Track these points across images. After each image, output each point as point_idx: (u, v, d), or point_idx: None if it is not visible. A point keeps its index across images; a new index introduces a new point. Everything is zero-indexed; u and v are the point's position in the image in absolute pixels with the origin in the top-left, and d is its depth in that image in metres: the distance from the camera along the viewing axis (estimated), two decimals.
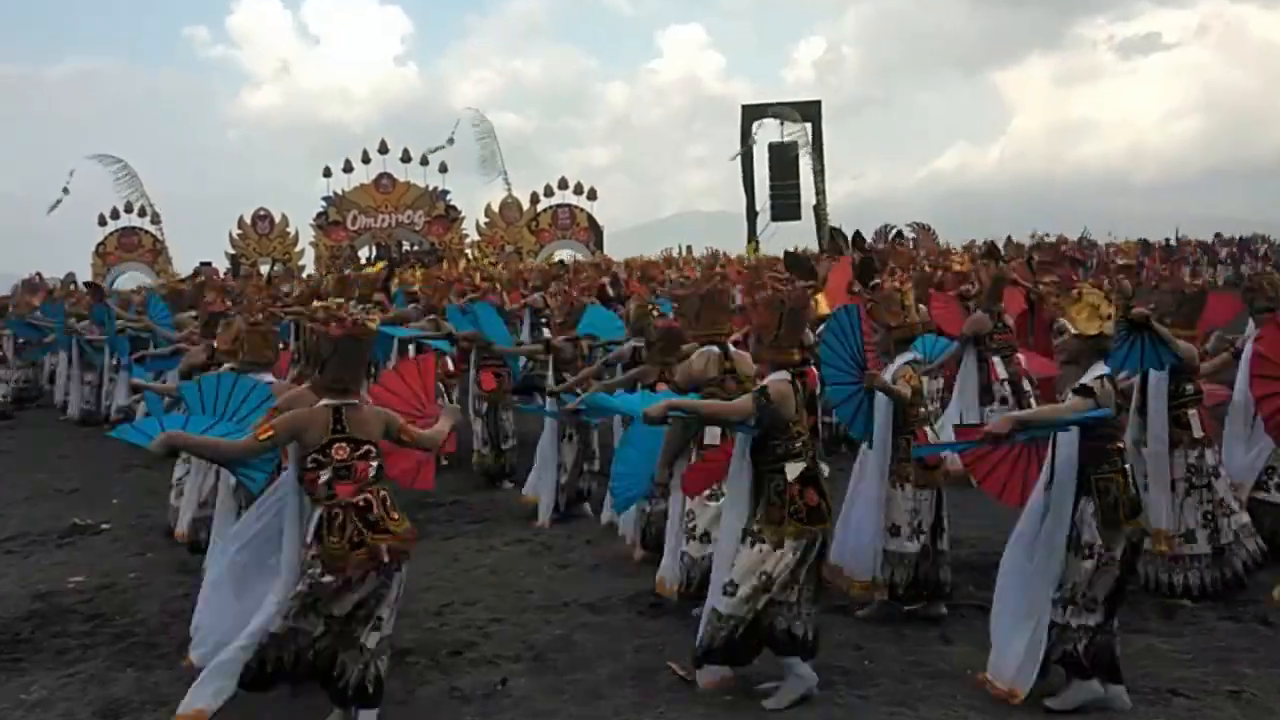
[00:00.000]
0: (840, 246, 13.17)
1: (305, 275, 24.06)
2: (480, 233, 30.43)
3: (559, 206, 30.58)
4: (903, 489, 4.92)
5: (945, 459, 5.05)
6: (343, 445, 3.79)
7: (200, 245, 38.03)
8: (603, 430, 7.58)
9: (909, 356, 5.09)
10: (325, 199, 29.94)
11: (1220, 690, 4.05)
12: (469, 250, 29.46)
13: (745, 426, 4.09)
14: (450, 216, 30.29)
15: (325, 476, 3.75)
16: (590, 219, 30.52)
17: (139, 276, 27.51)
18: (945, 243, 20.65)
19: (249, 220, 29.81)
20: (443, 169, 29.97)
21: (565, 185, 30.71)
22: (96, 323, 12.18)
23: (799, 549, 4.03)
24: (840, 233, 14.99)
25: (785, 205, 28.58)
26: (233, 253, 29.12)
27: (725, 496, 4.35)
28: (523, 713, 4.13)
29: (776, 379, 4.11)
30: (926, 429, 5.06)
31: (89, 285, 16.50)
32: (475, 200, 31.56)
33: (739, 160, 29.25)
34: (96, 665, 4.77)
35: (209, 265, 27.20)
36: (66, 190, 28.06)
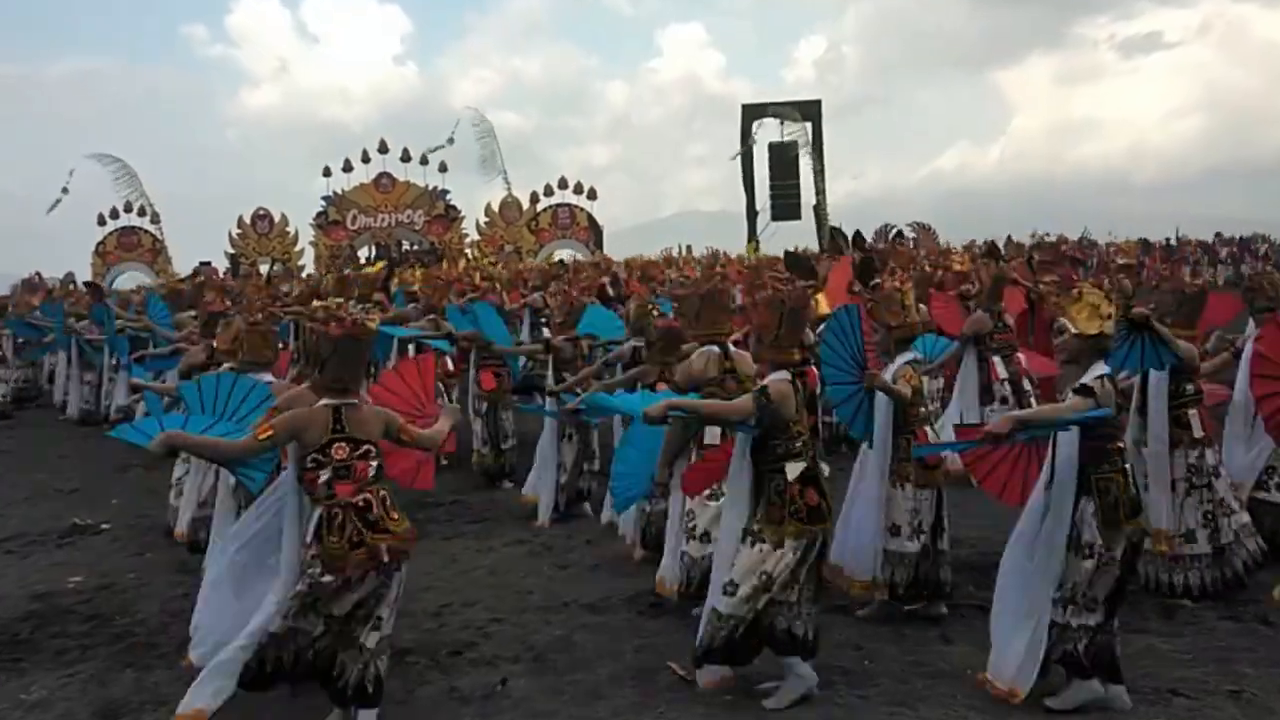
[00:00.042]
0: (841, 246, 13.16)
1: (305, 275, 24.04)
2: (480, 232, 30.40)
3: (559, 206, 30.55)
4: (903, 489, 4.92)
5: (945, 459, 5.05)
6: (342, 445, 3.79)
7: (200, 245, 37.99)
8: (603, 430, 7.59)
9: (909, 356, 5.09)
10: (325, 198, 29.92)
11: (1221, 690, 4.05)
12: (469, 250, 29.43)
13: (745, 426, 4.09)
14: (450, 216, 30.27)
15: (325, 476, 3.75)
16: (590, 218, 30.50)
17: (138, 276, 27.49)
18: (945, 242, 20.63)
19: (248, 220, 29.79)
20: (442, 168, 29.97)
21: (565, 185, 30.69)
22: (96, 322, 12.18)
23: (799, 549, 4.03)
24: (841, 232, 14.99)
25: (785, 205, 28.57)
26: (232, 252, 29.09)
27: (725, 496, 4.34)
28: (522, 713, 4.13)
29: (777, 379, 4.11)
30: (927, 429, 5.06)
31: (88, 285, 16.49)
32: (475, 200, 31.58)
33: (739, 160, 29.24)
34: (96, 665, 4.77)
35: (208, 265, 27.20)
36: (66, 190, 28.08)
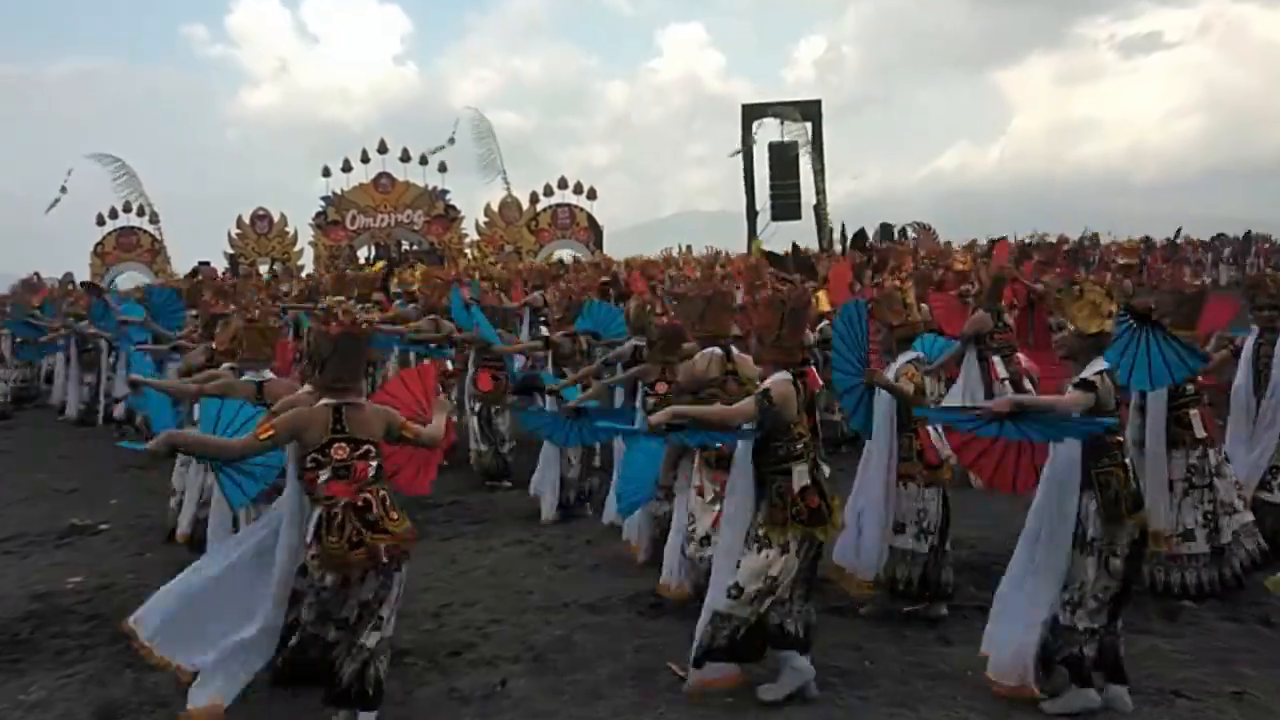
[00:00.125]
0: (861, 245, 13.35)
1: (305, 275, 24.01)
2: (480, 232, 30.36)
3: (559, 206, 30.51)
4: (906, 487, 4.93)
5: (949, 458, 5.04)
6: (342, 445, 3.78)
7: (199, 245, 37.93)
8: None
9: (911, 355, 5.10)
10: (324, 198, 29.86)
11: (1222, 691, 4.05)
12: (468, 250, 29.40)
13: (746, 434, 4.09)
14: (449, 216, 30.23)
15: (324, 476, 3.74)
16: (590, 218, 30.46)
17: (137, 276, 27.44)
18: (946, 241, 20.58)
19: (248, 220, 29.73)
20: (442, 168, 29.92)
21: (565, 185, 30.64)
22: (95, 319, 12.18)
23: (802, 552, 4.03)
24: (862, 233, 15.26)
25: (785, 205, 28.52)
26: (231, 252, 29.05)
27: (727, 500, 4.33)
28: (522, 714, 4.12)
29: (778, 380, 4.11)
30: (928, 428, 5.04)
31: (85, 285, 16.47)
32: (474, 200, 31.52)
33: (739, 159, 29.17)
34: (95, 666, 4.76)
35: (207, 265, 27.15)
36: (64, 189, 28.03)
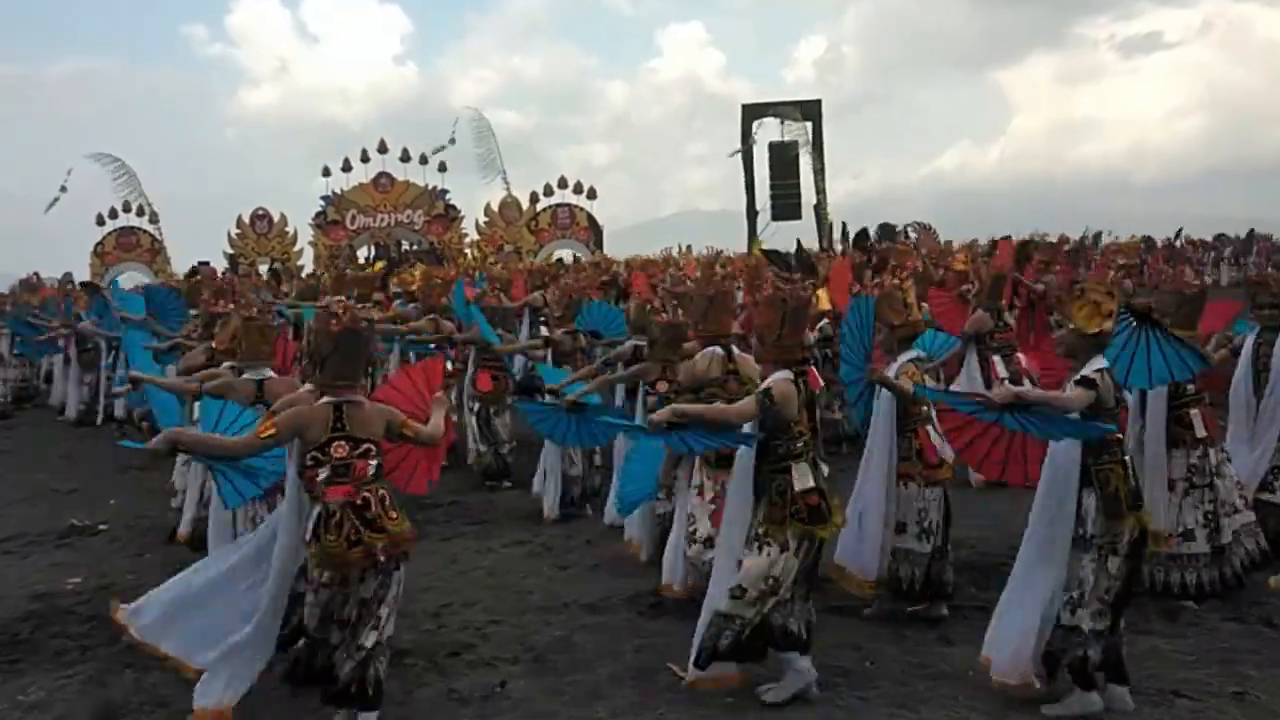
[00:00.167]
0: (864, 245, 13.42)
1: (305, 275, 23.99)
2: (480, 232, 30.33)
3: (558, 206, 30.47)
4: (907, 487, 4.92)
5: (948, 458, 5.03)
6: (342, 443, 3.77)
7: (198, 245, 37.85)
8: None
9: (912, 354, 5.09)
10: (324, 198, 29.82)
11: (1224, 692, 4.03)
12: (468, 250, 29.38)
13: (747, 440, 4.08)
14: (449, 216, 30.20)
15: (324, 474, 3.73)
16: (590, 218, 30.43)
17: (137, 276, 27.38)
18: (947, 241, 20.53)
19: (247, 220, 29.69)
20: (442, 168, 29.88)
21: (565, 184, 30.61)
22: (95, 316, 12.19)
23: (802, 551, 4.02)
24: (864, 232, 15.30)
25: (786, 204, 28.50)
26: (231, 252, 29.02)
27: (728, 499, 4.32)
28: (522, 714, 4.11)
29: (780, 379, 4.10)
30: (928, 428, 5.03)
31: (84, 285, 16.46)
32: (474, 199, 31.45)
33: (739, 159, 29.15)
34: (95, 666, 4.76)
35: (207, 264, 27.12)
36: (64, 189, 28.00)
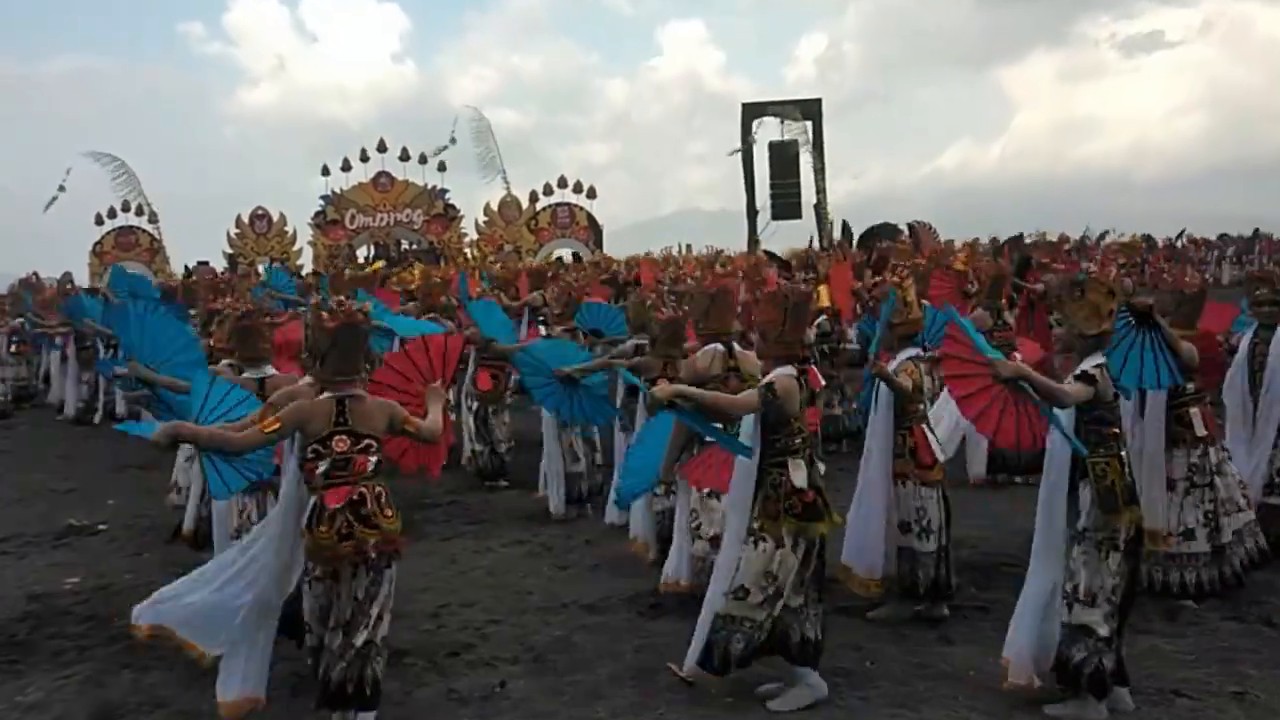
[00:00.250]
0: (870, 243, 13.46)
1: (304, 274, 23.98)
2: (479, 231, 30.31)
3: (558, 205, 30.47)
4: (905, 485, 4.92)
5: (941, 459, 5.02)
6: (343, 438, 3.76)
7: (198, 244, 37.83)
8: (602, 426, 7.53)
9: (911, 352, 5.09)
10: (323, 198, 29.80)
11: (1224, 692, 4.03)
12: (468, 249, 29.37)
13: (745, 450, 4.08)
14: (449, 215, 30.18)
15: (323, 467, 3.72)
16: (590, 217, 30.42)
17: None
18: (948, 240, 20.51)
19: (246, 219, 29.67)
20: (441, 168, 29.87)
21: (565, 183, 30.60)
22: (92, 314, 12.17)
23: (800, 549, 4.01)
24: (870, 231, 15.33)
25: (786, 204, 28.50)
26: (230, 252, 29.01)
27: (729, 499, 4.31)
28: (521, 714, 4.10)
29: (782, 373, 4.11)
30: (924, 427, 5.03)
31: (86, 291, 16.42)
32: (474, 199, 31.45)
33: (739, 158, 29.15)
34: (93, 666, 4.74)
35: (205, 264, 27.11)
36: (63, 188, 27.98)
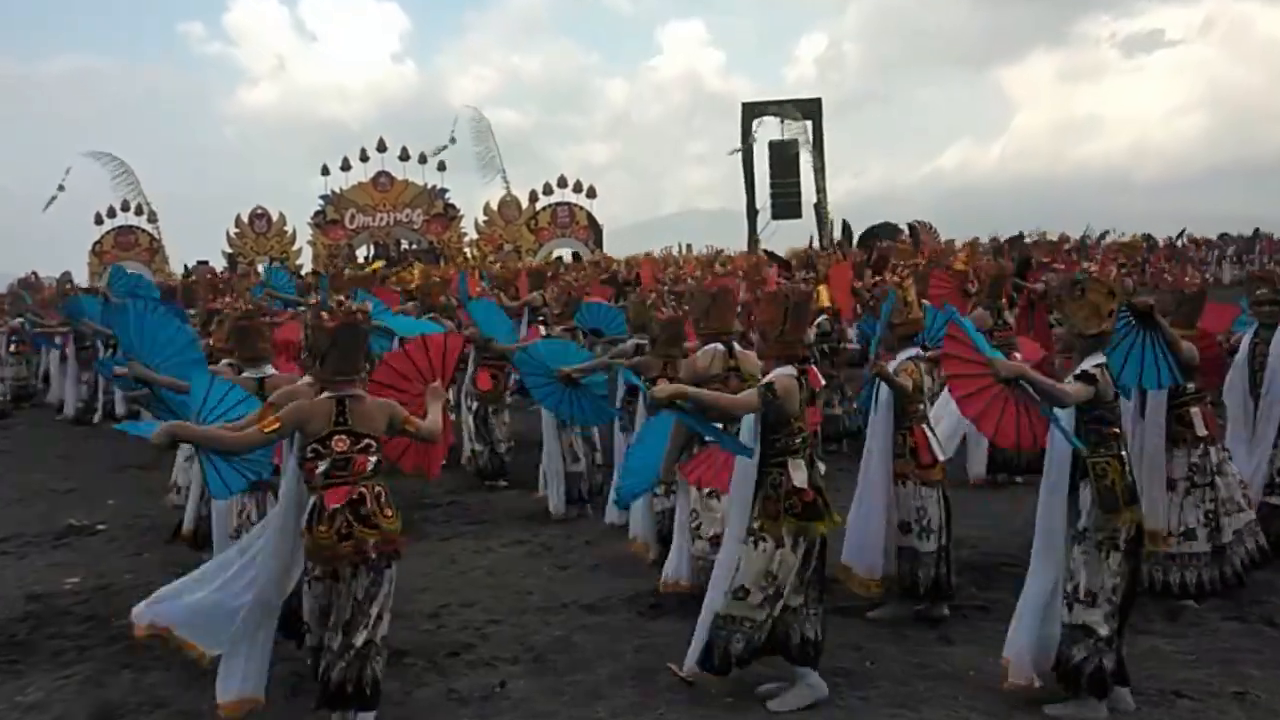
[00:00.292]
0: (871, 242, 13.47)
1: (304, 274, 23.97)
2: (479, 231, 30.29)
3: (558, 204, 30.44)
4: (905, 485, 4.92)
5: (941, 459, 5.02)
6: (343, 437, 3.75)
7: (197, 244, 37.83)
8: (602, 427, 7.53)
9: (911, 352, 5.10)
10: (323, 197, 29.77)
11: (1225, 692, 4.02)
12: (467, 249, 29.37)
13: (744, 450, 4.08)
14: (449, 215, 30.16)
15: (323, 467, 3.72)
16: (590, 217, 30.40)
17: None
18: (948, 240, 20.49)
19: (246, 219, 29.64)
20: (441, 167, 29.84)
21: (565, 183, 30.58)
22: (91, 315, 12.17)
23: (800, 549, 4.01)
24: (870, 231, 15.33)
25: (786, 203, 28.49)
26: (230, 252, 29.00)
27: (730, 499, 4.31)
28: (521, 714, 4.10)
29: (782, 373, 4.11)
30: (924, 427, 5.03)
31: (84, 290, 16.41)
32: (474, 199, 31.41)
33: (739, 157, 29.13)
34: (93, 667, 4.74)
35: (205, 264, 27.10)
36: (62, 187, 27.96)
